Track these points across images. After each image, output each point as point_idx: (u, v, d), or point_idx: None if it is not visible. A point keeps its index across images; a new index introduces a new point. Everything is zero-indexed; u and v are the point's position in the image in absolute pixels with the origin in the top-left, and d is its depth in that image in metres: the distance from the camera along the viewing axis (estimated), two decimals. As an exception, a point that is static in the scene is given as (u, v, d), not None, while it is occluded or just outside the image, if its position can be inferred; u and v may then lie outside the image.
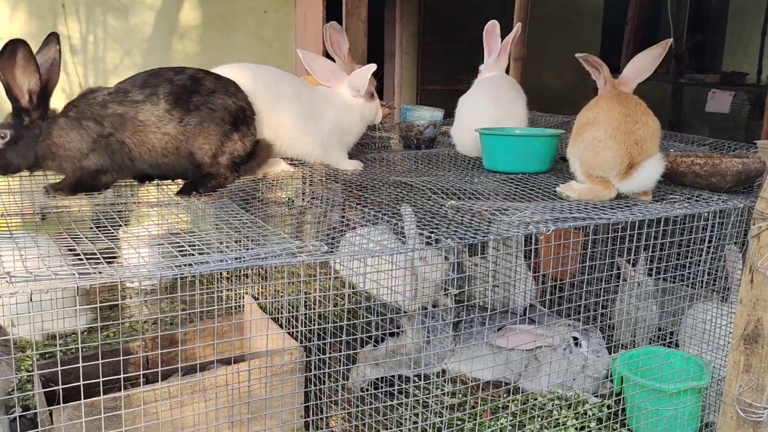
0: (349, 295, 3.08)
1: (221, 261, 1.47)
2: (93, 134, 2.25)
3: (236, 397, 2.19)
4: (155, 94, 2.31)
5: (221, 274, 3.08)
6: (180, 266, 1.46)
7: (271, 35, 6.77)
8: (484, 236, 1.79)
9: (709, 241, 2.46)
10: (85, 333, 3.27)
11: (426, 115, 4.10)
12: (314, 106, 2.84)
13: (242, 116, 2.45)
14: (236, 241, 1.66)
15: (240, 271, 3.10)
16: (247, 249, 1.64)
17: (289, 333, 2.53)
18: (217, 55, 6.52)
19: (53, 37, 2.35)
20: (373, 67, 2.89)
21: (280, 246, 1.55)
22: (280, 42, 6.78)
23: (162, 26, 6.39)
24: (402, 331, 3.08)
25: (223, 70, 2.70)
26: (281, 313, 2.67)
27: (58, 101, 2.39)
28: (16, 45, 2.13)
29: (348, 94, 2.94)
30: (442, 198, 2.29)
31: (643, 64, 2.59)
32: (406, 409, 2.46)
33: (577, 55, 2.50)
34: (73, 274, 1.46)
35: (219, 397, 2.19)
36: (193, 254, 1.56)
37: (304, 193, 3.72)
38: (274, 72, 2.82)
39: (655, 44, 2.59)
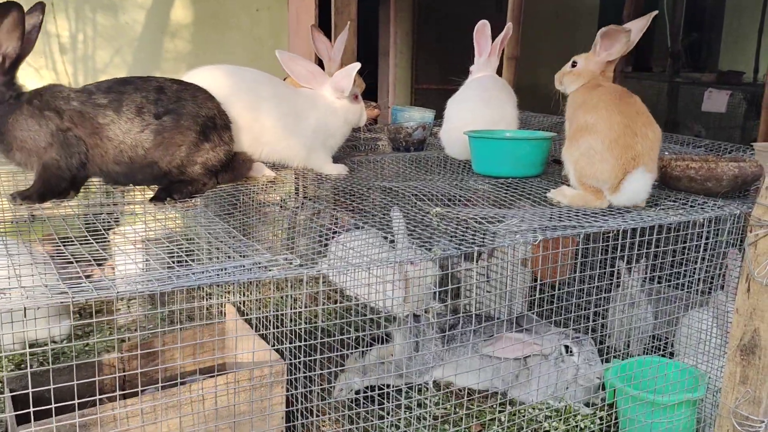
0: (337, 301, 3.00)
1: (183, 276, 1.39)
2: (53, 126, 2.20)
3: (211, 414, 2.10)
4: (118, 101, 2.28)
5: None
6: (135, 283, 1.38)
7: (264, 34, 6.69)
8: (469, 247, 1.71)
9: (705, 249, 2.38)
10: (65, 341, 3.19)
11: (417, 116, 4.01)
12: (297, 109, 2.75)
13: (212, 125, 2.39)
14: (208, 253, 1.57)
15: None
16: (218, 260, 1.56)
17: (265, 336, 2.44)
18: (209, 54, 6.44)
19: (38, 6, 2.33)
20: (356, 66, 2.79)
21: (249, 260, 1.47)
22: (273, 40, 6.70)
23: (153, 24, 6.30)
24: (390, 339, 3.01)
25: (201, 73, 2.61)
26: (266, 322, 2.59)
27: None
28: (9, 7, 2.11)
29: (331, 96, 2.85)
30: (428, 205, 2.21)
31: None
32: (392, 420, 2.38)
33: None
34: (66, 291, 1.39)
35: (195, 413, 2.10)
36: (170, 266, 1.48)
37: (297, 195, 3.64)
38: (255, 74, 2.73)
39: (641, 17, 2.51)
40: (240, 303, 2.78)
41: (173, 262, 1.57)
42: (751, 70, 8.80)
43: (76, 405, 1.87)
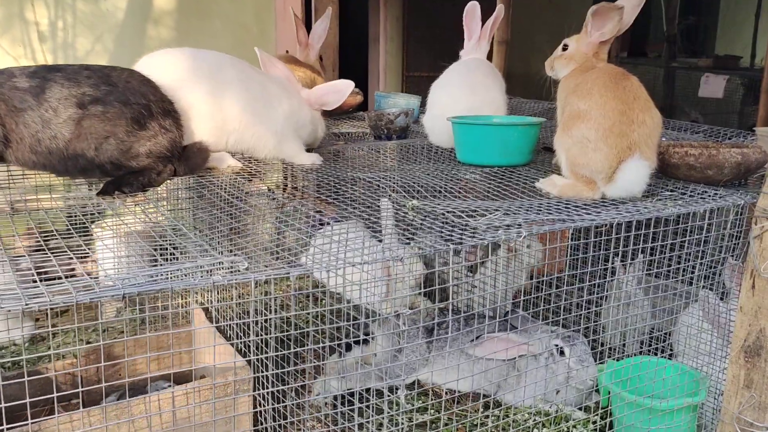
0: (318, 298, 2.83)
1: (110, 286, 1.21)
2: None
3: (168, 426, 1.93)
4: (41, 87, 2.09)
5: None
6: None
7: (249, 20, 6.52)
8: (444, 245, 1.53)
9: (705, 243, 2.21)
10: (27, 344, 3.01)
11: (401, 103, 3.82)
12: (267, 94, 2.55)
13: (147, 113, 2.20)
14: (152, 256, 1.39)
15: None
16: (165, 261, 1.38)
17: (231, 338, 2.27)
18: (192, 41, 6.28)
19: None
20: (350, 85, 2.62)
21: (190, 264, 1.29)
22: (259, 27, 6.52)
23: (135, 11, 6.13)
24: (372, 338, 2.84)
25: (157, 57, 2.43)
26: (234, 325, 2.41)
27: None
28: None
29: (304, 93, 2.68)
30: (404, 197, 2.02)
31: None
32: (371, 428, 2.21)
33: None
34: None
35: (152, 425, 1.92)
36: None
37: (286, 185, 3.48)
38: (217, 57, 2.52)
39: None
40: (207, 303, 2.60)
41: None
42: (748, 54, 8.66)
43: (29, 415, 1.71)
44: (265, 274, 1.30)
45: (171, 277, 1.25)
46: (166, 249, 1.46)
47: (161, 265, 1.30)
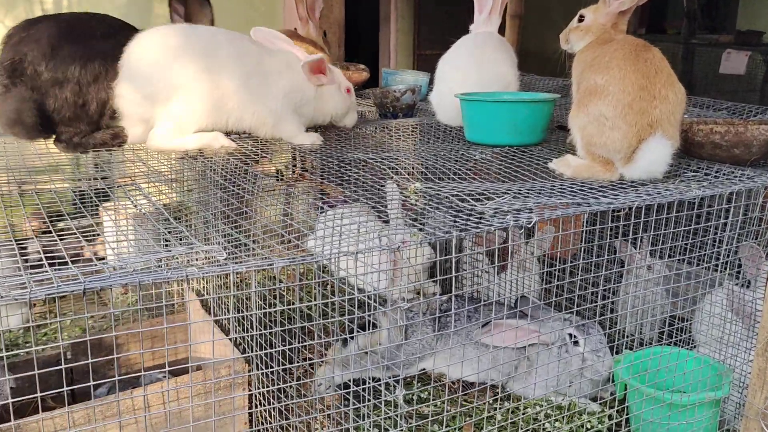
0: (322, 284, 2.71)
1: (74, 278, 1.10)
2: None
3: (160, 423, 1.82)
4: None
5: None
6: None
7: (257, -2, 6.38)
8: (446, 233, 1.40)
9: (731, 227, 2.06)
10: (20, 330, 2.92)
11: (409, 80, 3.67)
12: (265, 69, 2.40)
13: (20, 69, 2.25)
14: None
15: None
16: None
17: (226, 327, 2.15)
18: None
19: None
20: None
21: (155, 254, 1.17)
22: (266, 5, 6.38)
23: (141, -12, 6.01)
24: (377, 325, 2.72)
25: (151, 34, 2.33)
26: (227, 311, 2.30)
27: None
28: None
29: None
30: (407, 179, 1.89)
31: None
32: (372, 419, 2.10)
33: None
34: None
35: (139, 422, 1.82)
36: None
37: (295, 165, 3.37)
38: (213, 32, 2.38)
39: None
40: (202, 289, 2.49)
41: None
42: (770, 29, 8.38)
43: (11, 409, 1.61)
44: (246, 266, 1.19)
45: (138, 269, 1.13)
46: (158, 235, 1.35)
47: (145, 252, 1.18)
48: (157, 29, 2.37)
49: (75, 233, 1.58)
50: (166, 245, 1.32)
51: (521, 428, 2.22)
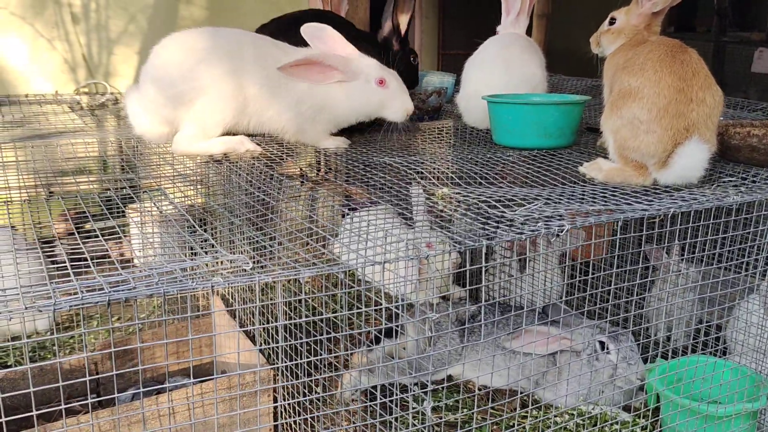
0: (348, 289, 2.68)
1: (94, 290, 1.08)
2: None
3: (185, 428, 1.81)
4: None
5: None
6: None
7: (283, -1, 6.39)
8: (476, 243, 1.36)
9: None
10: (48, 333, 2.93)
11: (435, 81, 3.63)
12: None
13: None
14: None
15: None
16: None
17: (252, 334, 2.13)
18: (224, 19, 6.25)
19: None
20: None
21: (179, 263, 1.15)
22: (292, 4, 6.39)
23: (167, -10, 6.08)
24: (402, 331, 2.69)
25: (178, 37, 2.35)
26: (254, 318, 2.28)
27: (60, 72, 2.15)
28: None
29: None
30: (434, 185, 1.85)
31: None
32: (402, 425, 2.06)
33: None
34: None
35: (163, 425, 1.81)
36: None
37: (319, 168, 3.35)
38: (237, 34, 2.37)
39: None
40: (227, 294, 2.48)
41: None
42: (804, 26, 8.22)
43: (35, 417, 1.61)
44: (272, 276, 1.16)
45: (160, 280, 1.11)
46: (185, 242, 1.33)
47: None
48: (184, 32, 2.38)
49: (99, 236, 1.58)
50: (192, 253, 1.30)
51: (551, 437, 2.17)
